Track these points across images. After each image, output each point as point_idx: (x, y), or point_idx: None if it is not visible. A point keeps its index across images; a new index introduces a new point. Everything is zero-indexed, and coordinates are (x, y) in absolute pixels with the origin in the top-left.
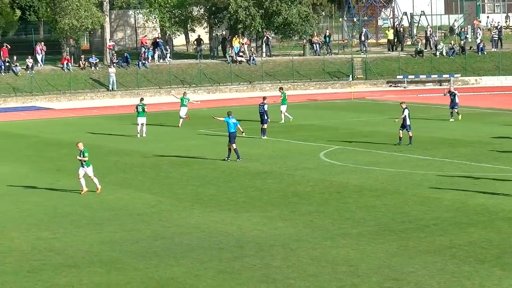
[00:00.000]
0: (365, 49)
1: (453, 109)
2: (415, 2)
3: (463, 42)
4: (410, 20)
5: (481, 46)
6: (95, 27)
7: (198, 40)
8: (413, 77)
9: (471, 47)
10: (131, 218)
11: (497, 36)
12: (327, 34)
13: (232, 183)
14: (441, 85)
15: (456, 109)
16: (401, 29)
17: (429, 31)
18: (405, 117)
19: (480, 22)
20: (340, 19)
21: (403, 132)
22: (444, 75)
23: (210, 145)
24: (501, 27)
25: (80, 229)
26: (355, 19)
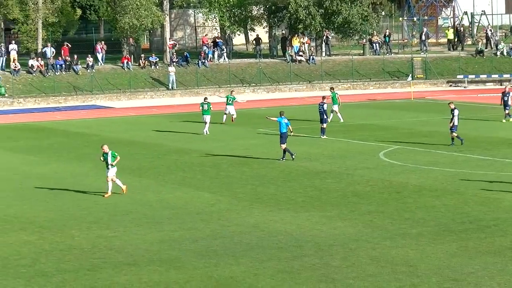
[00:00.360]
0: (425, 48)
1: (505, 110)
2: (475, 1)
3: None
4: (470, 19)
5: None
6: (155, 26)
7: (257, 39)
8: (474, 76)
9: None
10: (190, 217)
11: None
12: (387, 33)
13: (291, 182)
14: (501, 85)
15: (507, 110)
16: (462, 29)
17: (490, 30)
18: (453, 117)
19: None
20: (400, 19)
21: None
22: (504, 75)
23: (269, 144)
24: None
25: (140, 228)
26: (415, 19)
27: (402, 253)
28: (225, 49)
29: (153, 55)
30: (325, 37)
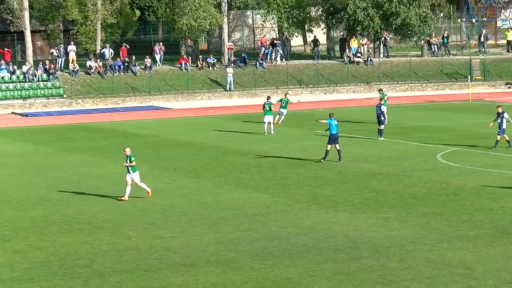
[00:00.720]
0: (484, 50)
1: None
2: None
3: None
4: None
5: None
6: (213, 27)
7: (314, 40)
8: None
9: None
10: (247, 218)
11: None
12: (445, 35)
13: (348, 184)
14: None
15: None
16: None
17: None
18: (502, 120)
19: None
20: (458, 20)
21: (501, 136)
22: None
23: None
24: None
25: (196, 229)
26: (474, 20)
27: (459, 255)
28: (280, 51)
29: (211, 56)
30: (383, 39)
